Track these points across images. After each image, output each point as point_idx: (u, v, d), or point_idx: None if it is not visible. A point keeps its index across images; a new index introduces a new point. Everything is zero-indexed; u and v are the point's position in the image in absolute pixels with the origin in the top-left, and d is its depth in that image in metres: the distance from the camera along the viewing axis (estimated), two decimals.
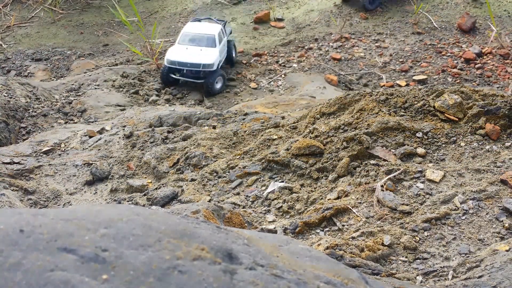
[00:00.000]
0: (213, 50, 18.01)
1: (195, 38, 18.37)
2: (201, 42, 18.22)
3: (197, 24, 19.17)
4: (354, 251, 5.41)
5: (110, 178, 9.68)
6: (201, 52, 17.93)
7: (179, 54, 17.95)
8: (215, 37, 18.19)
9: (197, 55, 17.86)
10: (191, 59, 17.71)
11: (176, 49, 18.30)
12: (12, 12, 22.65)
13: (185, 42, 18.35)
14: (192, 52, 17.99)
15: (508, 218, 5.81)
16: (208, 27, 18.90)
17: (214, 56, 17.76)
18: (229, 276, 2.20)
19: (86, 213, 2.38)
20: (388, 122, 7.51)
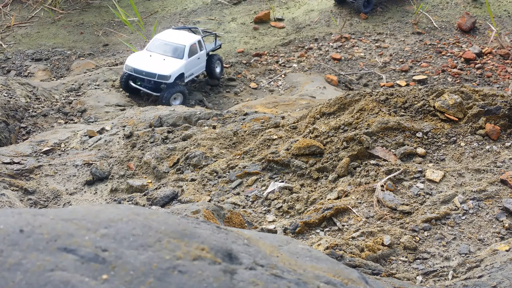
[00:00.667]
0: (177, 61, 16.71)
1: (164, 47, 17.14)
2: (168, 51, 17.00)
3: (173, 32, 18.01)
4: (354, 251, 5.41)
5: (110, 178, 9.68)
6: (163, 62, 16.68)
7: (139, 61, 16.71)
8: (185, 48, 16.94)
9: (157, 64, 16.60)
10: (148, 67, 16.45)
11: (138, 55, 17.14)
12: (12, 12, 22.65)
13: (152, 49, 17.14)
14: (153, 61, 16.75)
15: (508, 218, 5.81)
16: (182, 36, 17.58)
17: (175, 67, 16.49)
18: (229, 276, 2.20)
19: (86, 213, 2.38)
20: (388, 122, 7.51)
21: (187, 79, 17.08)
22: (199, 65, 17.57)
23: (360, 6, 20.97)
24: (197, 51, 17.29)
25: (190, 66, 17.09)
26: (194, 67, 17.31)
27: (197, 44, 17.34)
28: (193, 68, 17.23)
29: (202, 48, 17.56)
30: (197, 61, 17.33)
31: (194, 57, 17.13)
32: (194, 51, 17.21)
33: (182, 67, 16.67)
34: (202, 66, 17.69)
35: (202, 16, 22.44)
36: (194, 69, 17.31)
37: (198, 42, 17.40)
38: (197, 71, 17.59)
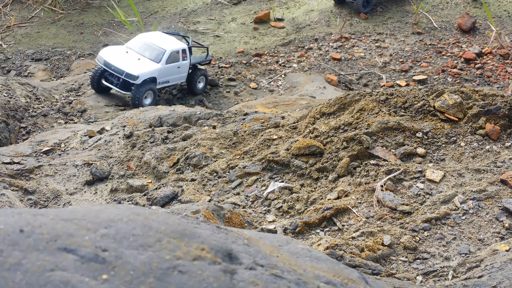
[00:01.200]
0: (152, 64, 15.94)
1: (144, 47, 16.43)
2: (146, 52, 16.26)
3: (161, 34, 17.31)
4: (354, 251, 5.41)
5: (110, 178, 9.68)
6: (137, 61, 15.96)
7: (112, 55, 16.12)
8: (165, 52, 16.16)
9: (129, 62, 15.85)
10: (118, 63, 15.75)
11: (114, 49, 16.62)
12: (12, 12, 22.65)
13: (132, 47, 16.54)
14: (127, 58, 16.03)
15: (508, 218, 5.81)
16: (167, 41, 16.78)
17: (147, 69, 15.72)
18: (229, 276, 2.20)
19: (86, 213, 2.38)
20: (388, 122, 7.51)
21: (160, 85, 16.33)
22: (179, 74, 16.75)
23: (359, 6, 20.88)
24: (178, 59, 16.51)
25: (166, 73, 16.30)
26: (171, 75, 16.51)
27: (180, 52, 16.55)
28: (169, 76, 16.44)
29: (186, 58, 16.74)
30: (176, 69, 16.53)
31: (173, 65, 16.38)
32: (175, 59, 16.42)
33: (155, 71, 15.91)
34: (182, 76, 16.85)
35: (202, 16, 22.44)
36: (171, 77, 16.52)
37: (183, 51, 16.62)
38: (174, 80, 16.78)
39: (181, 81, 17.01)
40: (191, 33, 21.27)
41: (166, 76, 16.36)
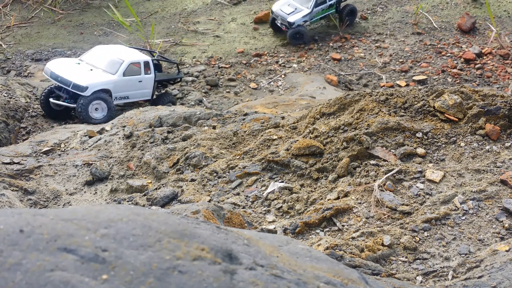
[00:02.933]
0: (105, 75, 14.42)
1: (100, 58, 14.88)
2: (101, 63, 14.67)
3: (121, 47, 16.11)
4: (354, 251, 5.41)
5: (110, 178, 9.68)
6: (88, 72, 14.39)
7: (60, 66, 14.60)
8: (122, 63, 14.62)
9: (79, 73, 14.23)
10: (66, 74, 14.09)
11: (64, 61, 15.25)
12: (12, 12, 22.65)
13: (85, 59, 15.04)
14: (77, 69, 14.42)
15: (508, 218, 5.81)
16: (126, 52, 15.35)
17: (98, 80, 14.19)
18: (229, 276, 2.20)
19: (86, 213, 2.38)
20: (388, 122, 7.51)
21: (118, 101, 14.79)
22: (140, 90, 15.20)
23: (290, 37, 19.80)
24: (139, 72, 14.99)
25: (124, 87, 14.72)
26: (131, 90, 14.97)
27: (142, 64, 15.05)
28: (128, 91, 14.88)
29: (150, 71, 15.19)
30: (137, 84, 15.00)
31: (133, 78, 14.85)
32: (135, 72, 14.93)
33: (108, 82, 14.34)
34: (145, 93, 15.29)
35: (202, 16, 22.44)
36: (130, 92, 14.97)
37: (145, 63, 15.13)
38: (135, 96, 15.22)
39: (144, 97, 15.47)
40: (191, 33, 21.28)
41: (124, 91, 14.80)
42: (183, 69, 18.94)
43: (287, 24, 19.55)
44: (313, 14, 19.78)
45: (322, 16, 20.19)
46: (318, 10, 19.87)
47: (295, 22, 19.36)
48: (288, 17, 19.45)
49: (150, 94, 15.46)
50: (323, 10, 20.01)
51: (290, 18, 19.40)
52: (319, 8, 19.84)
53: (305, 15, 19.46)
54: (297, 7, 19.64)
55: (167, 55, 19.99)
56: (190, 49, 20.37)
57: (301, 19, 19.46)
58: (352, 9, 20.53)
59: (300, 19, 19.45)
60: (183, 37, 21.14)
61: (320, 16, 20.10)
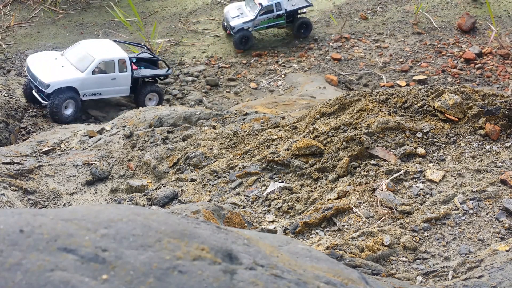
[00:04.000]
0: (74, 72, 14.37)
1: (77, 54, 14.87)
2: (76, 60, 14.68)
3: (103, 42, 15.89)
4: (354, 251, 5.41)
5: (110, 178, 9.68)
6: (59, 68, 14.41)
7: (39, 61, 14.73)
8: (92, 62, 14.52)
9: (49, 69, 14.31)
10: (37, 70, 14.18)
11: (44, 55, 15.26)
12: (12, 12, 22.66)
13: (66, 53, 15.08)
14: (51, 65, 14.51)
15: (508, 218, 5.81)
16: (102, 49, 15.18)
17: (62, 78, 14.12)
18: (229, 276, 2.20)
19: (86, 213, 2.38)
20: (388, 122, 7.51)
21: (87, 97, 14.74)
22: (114, 87, 15.12)
23: (236, 42, 19.44)
24: (113, 70, 14.84)
25: (93, 84, 14.65)
26: (103, 87, 14.88)
27: (116, 62, 14.88)
28: (98, 88, 14.80)
29: (126, 69, 15.04)
30: (109, 81, 14.88)
31: (104, 76, 14.74)
32: (107, 69, 14.80)
33: (75, 80, 14.31)
34: (121, 89, 15.24)
35: (202, 16, 22.42)
36: (102, 89, 14.90)
37: (120, 61, 14.96)
38: (108, 93, 15.21)
39: (121, 94, 15.49)
40: (191, 33, 21.28)
41: (94, 88, 14.70)
42: (183, 69, 18.93)
43: (229, 27, 19.31)
44: (257, 22, 19.32)
45: (269, 25, 19.70)
46: (264, 19, 19.36)
47: (235, 26, 19.01)
48: (231, 20, 19.19)
49: (127, 91, 15.38)
50: (270, 20, 19.50)
51: (232, 22, 19.13)
52: (264, 17, 19.33)
53: (247, 21, 19.04)
54: (244, 12, 19.29)
55: (167, 55, 19.97)
56: (190, 49, 20.36)
57: (241, 24, 19.02)
58: (305, 22, 20.09)
59: (241, 25, 19.02)
60: (183, 37, 21.13)
61: (266, 25, 19.58)
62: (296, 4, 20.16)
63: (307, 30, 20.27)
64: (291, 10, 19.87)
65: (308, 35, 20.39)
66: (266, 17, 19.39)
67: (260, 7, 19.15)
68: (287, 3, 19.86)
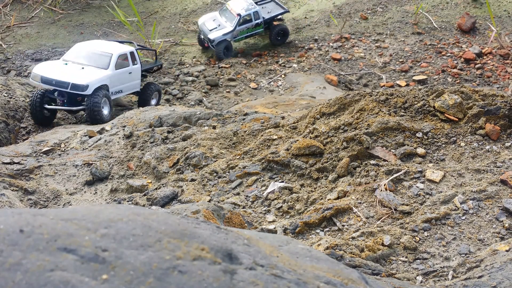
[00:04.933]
0: (99, 71, 14.01)
1: (85, 55, 14.41)
2: (90, 61, 14.18)
3: (100, 41, 15.75)
4: (354, 251, 5.41)
5: (110, 178, 9.68)
6: (81, 70, 13.90)
7: (49, 69, 14.01)
8: (111, 56, 14.28)
9: (72, 72, 13.73)
10: (60, 76, 13.57)
11: (50, 63, 14.65)
12: (12, 12, 22.65)
13: (70, 58, 14.49)
14: (68, 69, 13.89)
15: (508, 218, 5.81)
16: (109, 45, 15.01)
17: (95, 77, 13.76)
18: (229, 276, 2.20)
19: (86, 213, 2.38)
20: (388, 122, 7.51)
21: (114, 95, 14.51)
22: (131, 82, 14.95)
23: (220, 53, 19.04)
24: (128, 64, 14.77)
25: (118, 80, 14.45)
26: (124, 82, 14.69)
27: (128, 55, 14.83)
28: (122, 84, 14.62)
29: (136, 61, 15.00)
30: (128, 76, 14.72)
31: (124, 71, 14.60)
32: (124, 64, 14.70)
33: (105, 77, 14.00)
34: (135, 84, 15.10)
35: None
36: (123, 86, 14.71)
37: (131, 54, 14.92)
38: (127, 89, 14.99)
39: (135, 89, 15.27)
40: (191, 33, 21.28)
41: (118, 84, 14.54)
42: (183, 69, 18.92)
43: (208, 40, 18.77)
44: (236, 33, 18.93)
45: (248, 35, 19.38)
46: (243, 29, 19.01)
47: (215, 39, 18.50)
48: (209, 33, 18.64)
49: (139, 85, 15.23)
50: (249, 29, 19.18)
51: (210, 35, 18.58)
52: (243, 27, 18.98)
53: (226, 33, 18.62)
54: (221, 23, 18.81)
55: (167, 55, 19.98)
56: (190, 49, 20.36)
57: (221, 37, 18.59)
58: (282, 29, 19.77)
59: (221, 37, 18.58)
60: (183, 37, 21.13)
61: (245, 34, 19.26)
62: (272, 11, 19.88)
63: (284, 37, 20.00)
64: (268, 18, 19.66)
65: (285, 41, 20.17)
66: (245, 27, 19.04)
67: (238, 18, 18.84)
68: (263, 11, 19.63)
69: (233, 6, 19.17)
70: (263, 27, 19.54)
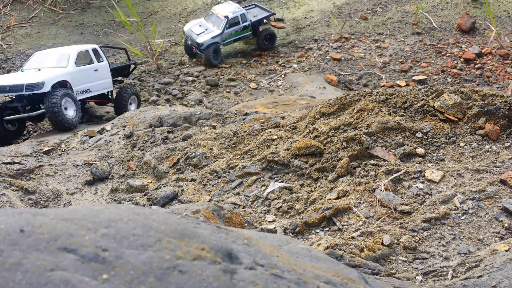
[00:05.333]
0: (57, 69, 13.05)
1: (43, 59, 13.59)
2: (47, 63, 13.34)
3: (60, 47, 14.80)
4: (354, 251, 5.42)
5: (110, 178, 9.69)
6: (36, 72, 12.96)
7: (4, 78, 12.99)
8: (71, 54, 13.41)
9: (26, 76, 12.76)
10: (12, 80, 12.56)
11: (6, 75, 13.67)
12: (12, 12, 22.65)
13: (28, 67, 13.65)
14: (23, 74, 13.04)
15: (508, 218, 5.82)
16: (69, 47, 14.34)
17: (51, 74, 12.69)
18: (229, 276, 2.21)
19: (86, 213, 2.39)
20: (388, 122, 7.52)
21: (81, 95, 13.48)
22: (100, 80, 14.08)
23: (209, 58, 18.76)
24: (92, 61, 13.99)
25: (81, 78, 13.48)
26: (90, 81, 13.76)
27: (91, 52, 14.08)
28: (87, 82, 13.65)
29: (102, 59, 14.23)
30: (94, 74, 13.88)
31: (87, 68, 13.76)
32: (87, 60, 13.92)
33: (63, 74, 12.97)
34: (105, 83, 14.27)
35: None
36: (90, 84, 13.75)
37: (94, 51, 14.17)
38: (97, 88, 14.01)
39: (107, 89, 14.45)
40: None
41: (84, 82, 13.57)
42: (183, 69, 18.93)
43: (196, 45, 18.59)
44: (225, 36, 18.81)
45: (236, 38, 19.26)
46: (231, 32, 18.94)
47: (203, 43, 18.30)
48: (197, 37, 18.45)
49: (111, 84, 14.47)
50: (237, 32, 19.11)
51: (199, 39, 18.39)
52: (231, 30, 18.92)
53: (215, 36, 18.50)
54: (209, 27, 18.70)
55: (167, 55, 20.00)
56: None
57: (210, 40, 18.43)
58: (270, 33, 19.72)
59: (209, 40, 18.41)
60: (183, 37, 21.13)
61: (233, 38, 19.14)
62: (258, 15, 19.87)
63: (271, 42, 19.94)
64: (256, 20, 19.63)
65: (273, 46, 20.09)
66: (233, 30, 18.96)
67: (225, 20, 18.76)
68: (249, 15, 19.60)
69: (219, 10, 19.15)
70: (250, 30, 19.47)
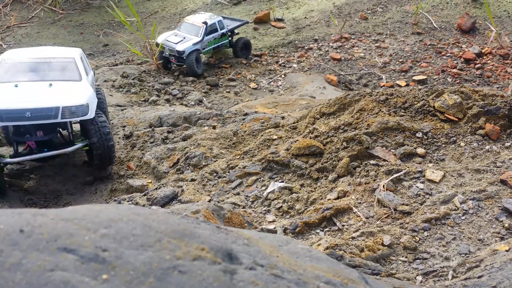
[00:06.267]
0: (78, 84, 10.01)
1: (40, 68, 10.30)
2: (49, 74, 10.28)
3: (43, 48, 11.76)
4: (354, 251, 5.41)
5: (110, 178, 9.68)
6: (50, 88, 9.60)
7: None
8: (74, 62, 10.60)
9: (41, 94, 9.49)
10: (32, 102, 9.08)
11: None
12: (12, 12, 22.66)
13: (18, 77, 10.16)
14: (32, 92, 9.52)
15: (508, 218, 5.81)
16: (59, 51, 11.19)
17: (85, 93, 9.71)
18: (229, 276, 2.20)
19: (86, 213, 2.39)
20: (388, 122, 7.51)
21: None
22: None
23: (192, 66, 18.09)
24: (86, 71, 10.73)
25: None
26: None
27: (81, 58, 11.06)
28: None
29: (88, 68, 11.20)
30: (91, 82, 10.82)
31: (91, 77, 10.98)
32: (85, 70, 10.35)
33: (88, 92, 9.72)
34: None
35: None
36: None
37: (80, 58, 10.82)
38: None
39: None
40: None
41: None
42: (183, 69, 18.91)
43: (175, 54, 17.96)
44: (205, 43, 18.52)
45: (215, 46, 19.00)
46: (210, 39, 18.66)
47: (184, 50, 17.79)
48: (176, 46, 17.92)
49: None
50: (215, 40, 18.87)
51: (178, 47, 17.85)
52: (210, 37, 18.64)
53: (195, 42, 18.11)
54: (186, 36, 18.30)
55: None
56: None
57: (191, 47, 17.95)
58: (245, 42, 19.49)
59: (191, 47, 17.93)
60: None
61: (212, 45, 18.87)
62: (230, 24, 19.77)
63: (247, 51, 19.75)
64: (232, 27, 19.53)
65: (249, 54, 19.97)
66: (212, 37, 18.76)
67: (204, 26, 18.55)
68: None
69: (194, 19, 18.98)
70: (228, 37, 19.39)
